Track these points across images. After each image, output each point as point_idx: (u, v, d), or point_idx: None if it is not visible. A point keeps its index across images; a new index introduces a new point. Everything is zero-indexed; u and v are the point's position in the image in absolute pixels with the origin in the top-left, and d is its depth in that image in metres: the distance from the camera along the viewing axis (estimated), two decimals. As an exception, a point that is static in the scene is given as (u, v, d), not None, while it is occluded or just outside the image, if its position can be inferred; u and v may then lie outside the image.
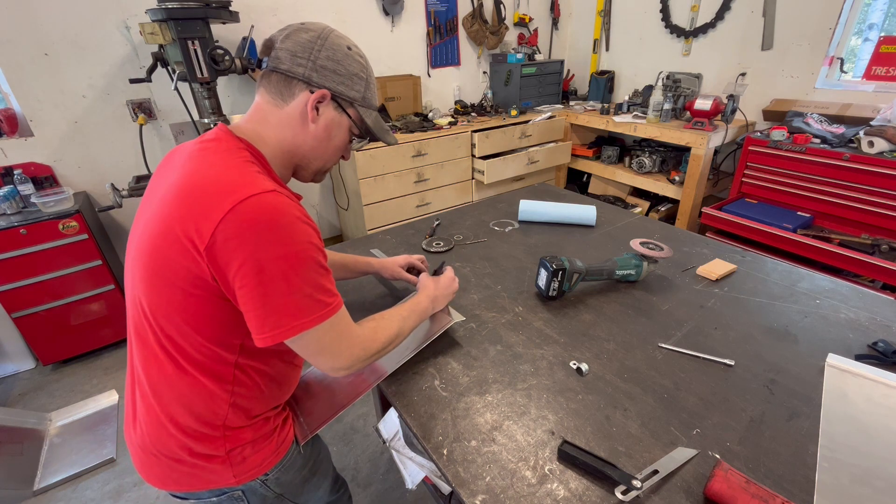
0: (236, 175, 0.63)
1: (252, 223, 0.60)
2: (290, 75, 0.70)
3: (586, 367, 0.87)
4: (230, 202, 0.59)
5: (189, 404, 0.70)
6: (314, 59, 0.70)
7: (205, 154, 0.67)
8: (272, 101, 0.72)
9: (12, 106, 2.14)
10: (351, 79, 0.74)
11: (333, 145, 0.78)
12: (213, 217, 0.59)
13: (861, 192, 2.09)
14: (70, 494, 1.65)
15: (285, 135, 0.73)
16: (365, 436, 1.82)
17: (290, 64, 0.70)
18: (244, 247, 0.59)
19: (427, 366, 0.90)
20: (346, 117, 0.76)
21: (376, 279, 1.24)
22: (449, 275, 1.01)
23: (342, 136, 0.78)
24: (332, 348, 0.69)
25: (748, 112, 2.77)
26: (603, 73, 3.56)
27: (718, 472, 0.62)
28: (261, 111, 0.73)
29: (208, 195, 0.61)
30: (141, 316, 0.69)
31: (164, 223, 0.63)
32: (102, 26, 2.15)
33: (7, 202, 1.98)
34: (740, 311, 1.04)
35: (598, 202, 1.63)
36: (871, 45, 2.37)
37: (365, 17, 2.86)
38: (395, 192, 2.79)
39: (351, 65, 0.73)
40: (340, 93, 0.73)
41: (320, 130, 0.74)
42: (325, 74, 0.71)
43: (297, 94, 0.71)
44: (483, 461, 0.70)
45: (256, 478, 0.78)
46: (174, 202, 0.63)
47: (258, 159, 0.70)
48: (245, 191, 0.60)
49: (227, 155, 0.67)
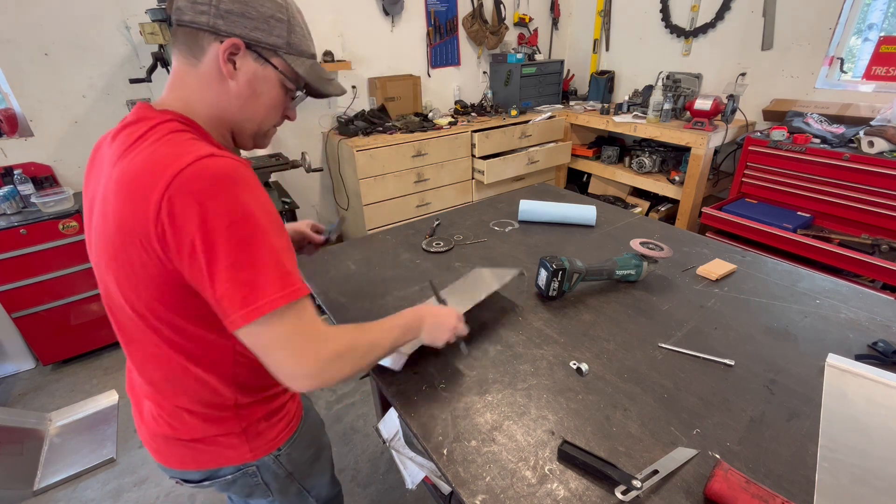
0: (168, 149, 0.57)
1: (195, 192, 0.54)
2: (195, 26, 0.61)
3: (586, 367, 0.87)
4: (167, 177, 0.54)
5: (196, 395, 0.70)
6: (216, 2, 0.61)
7: (129, 139, 0.61)
8: (186, 60, 0.64)
9: (12, 106, 2.14)
10: (266, 22, 0.63)
11: (264, 103, 0.68)
12: (154, 198, 0.54)
13: (861, 192, 2.08)
14: (70, 494, 1.65)
15: (209, 97, 0.65)
16: (365, 436, 1.82)
17: (192, 13, 0.61)
18: (188, 223, 0.53)
19: (427, 366, 0.90)
20: (270, 68, 0.66)
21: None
22: (454, 318, 0.85)
23: (272, 91, 0.68)
24: (295, 343, 0.60)
25: (748, 112, 2.77)
26: (603, 73, 3.56)
27: (718, 472, 0.62)
28: (179, 75, 0.65)
29: (144, 178, 0.56)
30: (128, 318, 0.65)
31: (115, 222, 0.59)
32: (102, 26, 2.15)
33: (7, 202, 1.98)
34: (740, 311, 1.04)
35: (598, 202, 1.63)
36: (870, 45, 2.37)
37: (365, 17, 2.86)
38: (395, 192, 2.79)
39: (263, 5, 0.63)
40: (256, 40, 0.63)
41: (243, 87, 0.65)
42: (232, 20, 0.61)
43: (207, 47, 0.62)
44: (483, 461, 0.70)
45: (270, 452, 0.78)
46: (116, 197, 0.58)
47: (191, 126, 0.63)
48: (180, 161, 0.55)
49: (152, 133, 0.60)
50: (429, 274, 1.24)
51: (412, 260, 1.32)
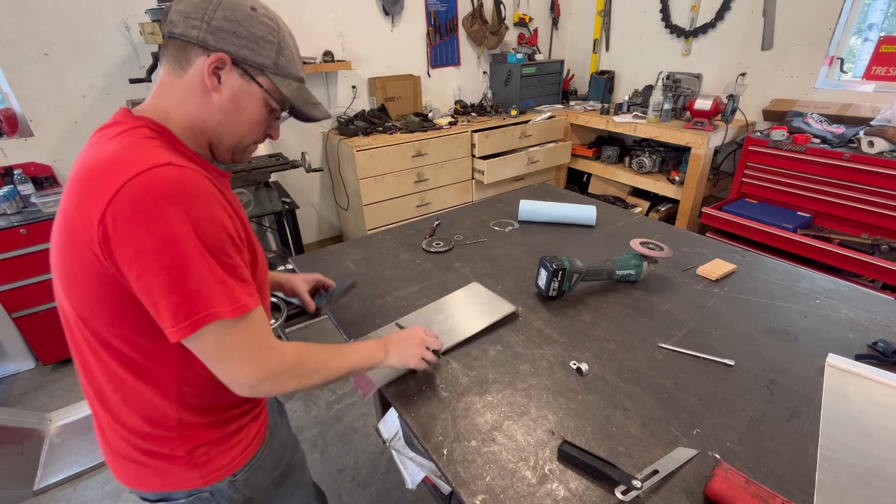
0: (127, 153, 0.57)
1: (142, 202, 0.53)
2: (185, 39, 0.63)
3: (586, 367, 0.87)
4: (117, 182, 0.54)
5: (136, 407, 0.67)
6: (209, 19, 0.62)
7: (100, 141, 0.62)
8: (172, 70, 0.65)
9: (12, 106, 2.14)
10: (256, 42, 0.65)
11: (246, 118, 0.69)
12: (101, 201, 0.54)
13: (861, 192, 2.09)
14: (70, 494, 1.65)
15: (189, 108, 0.66)
16: (365, 436, 1.82)
17: (184, 27, 0.63)
18: (137, 231, 0.54)
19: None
20: (256, 86, 0.67)
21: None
22: (421, 333, 0.85)
23: (255, 108, 0.69)
24: (238, 353, 0.61)
25: (748, 112, 2.77)
26: (603, 73, 3.56)
27: (718, 472, 0.62)
28: (164, 85, 0.67)
29: (97, 179, 0.56)
30: (69, 320, 0.64)
31: (64, 219, 0.58)
32: (102, 26, 2.15)
33: (7, 202, 1.98)
34: (740, 311, 1.04)
35: (598, 202, 1.63)
36: (870, 45, 2.37)
37: (365, 17, 2.86)
38: (395, 192, 2.79)
39: (255, 26, 0.65)
40: (244, 58, 0.65)
41: (226, 101, 0.66)
42: (222, 37, 0.63)
43: (194, 59, 0.64)
44: (483, 461, 0.70)
45: (224, 479, 0.74)
46: (70, 194, 0.58)
47: (162, 135, 0.64)
48: (133, 168, 0.54)
49: (124, 136, 0.61)
50: (429, 274, 1.24)
51: (412, 260, 1.32)
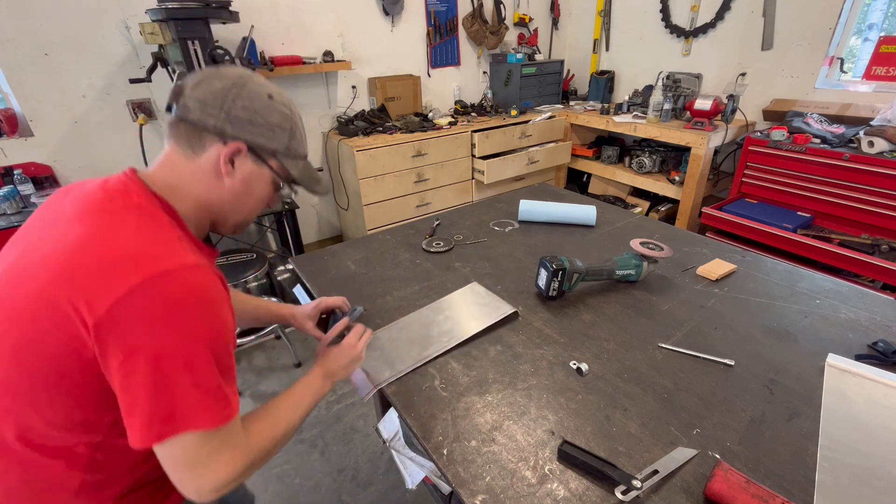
0: (147, 243, 0.56)
1: (161, 307, 0.53)
2: (200, 126, 0.63)
3: (586, 367, 0.87)
4: (137, 276, 0.52)
5: (19, 495, 0.61)
6: (228, 109, 0.63)
7: (110, 209, 0.59)
8: (182, 152, 0.65)
9: (12, 106, 2.14)
10: (272, 130, 0.67)
11: (254, 199, 0.72)
12: (113, 290, 0.52)
13: (861, 192, 2.09)
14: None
15: (198, 190, 0.66)
16: (365, 436, 1.82)
17: (200, 114, 0.63)
18: (147, 333, 0.52)
19: (427, 366, 0.90)
20: (267, 169, 0.69)
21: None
22: (350, 340, 0.88)
23: (264, 188, 0.71)
24: (209, 461, 0.58)
25: (748, 112, 2.77)
26: (603, 73, 3.56)
27: (718, 472, 0.62)
28: (171, 162, 0.66)
29: (109, 264, 0.54)
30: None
31: (46, 288, 0.54)
32: (102, 26, 2.15)
33: (7, 202, 1.98)
34: (740, 311, 1.04)
35: (598, 202, 1.63)
36: (870, 45, 2.37)
37: (365, 17, 2.86)
38: (395, 192, 2.79)
39: (271, 115, 0.66)
40: (259, 145, 0.66)
41: (237, 184, 0.68)
42: (240, 126, 0.64)
43: (209, 146, 0.64)
44: (483, 461, 0.70)
45: None
46: (64, 265, 0.54)
47: (169, 214, 0.63)
48: (157, 265, 0.54)
49: (138, 214, 0.59)
50: (429, 274, 1.24)
51: (412, 260, 1.32)
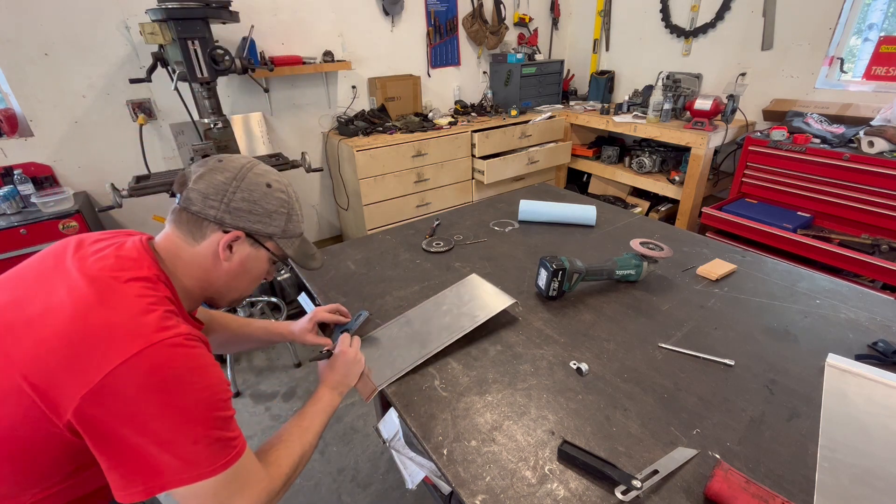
0: (143, 314, 0.57)
1: (159, 374, 0.54)
2: (202, 216, 0.67)
3: (586, 367, 0.87)
4: (131, 348, 0.53)
5: None
6: (227, 201, 0.67)
7: (117, 278, 0.60)
8: (184, 238, 0.69)
9: (12, 106, 2.14)
10: (269, 216, 0.71)
11: (251, 277, 0.75)
12: (93, 371, 0.52)
13: (861, 192, 2.08)
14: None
15: (196, 272, 0.70)
16: (365, 436, 1.82)
17: (202, 206, 0.66)
18: (141, 405, 0.53)
19: (427, 366, 0.90)
20: (263, 251, 0.73)
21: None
22: (340, 348, 0.89)
23: (260, 267, 0.75)
24: (233, 500, 0.59)
25: (748, 112, 2.77)
26: (603, 73, 3.56)
27: (718, 472, 0.62)
28: (173, 243, 0.69)
29: (90, 340, 0.54)
30: None
31: (14, 366, 0.54)
32: (102, 26, 2.15)
33: (7, 202, 1.98)
34: (740, 311, 1.04)
35: (598, 202, 1.63)
36: (870, 45, 2.37)
37: (365, 17, 2.86)
38: (395, 192, 2.79)
39: (269, 203, 0.70)
40: (256, 231, 0.70)
41: (234, 266, 0.71)
42: (239, 216, 0.68)
43: (209, 234, 0.68)
44: (483, 461, 0.70)
45: None
46: (39, 327, 0.55)
47: (171, 293, 0.65)
48: (137, 342, 0.54)
49: (143, 285, 0.61)
50: (429, 274, 1.24)
51: (412, 260, 1.32)
